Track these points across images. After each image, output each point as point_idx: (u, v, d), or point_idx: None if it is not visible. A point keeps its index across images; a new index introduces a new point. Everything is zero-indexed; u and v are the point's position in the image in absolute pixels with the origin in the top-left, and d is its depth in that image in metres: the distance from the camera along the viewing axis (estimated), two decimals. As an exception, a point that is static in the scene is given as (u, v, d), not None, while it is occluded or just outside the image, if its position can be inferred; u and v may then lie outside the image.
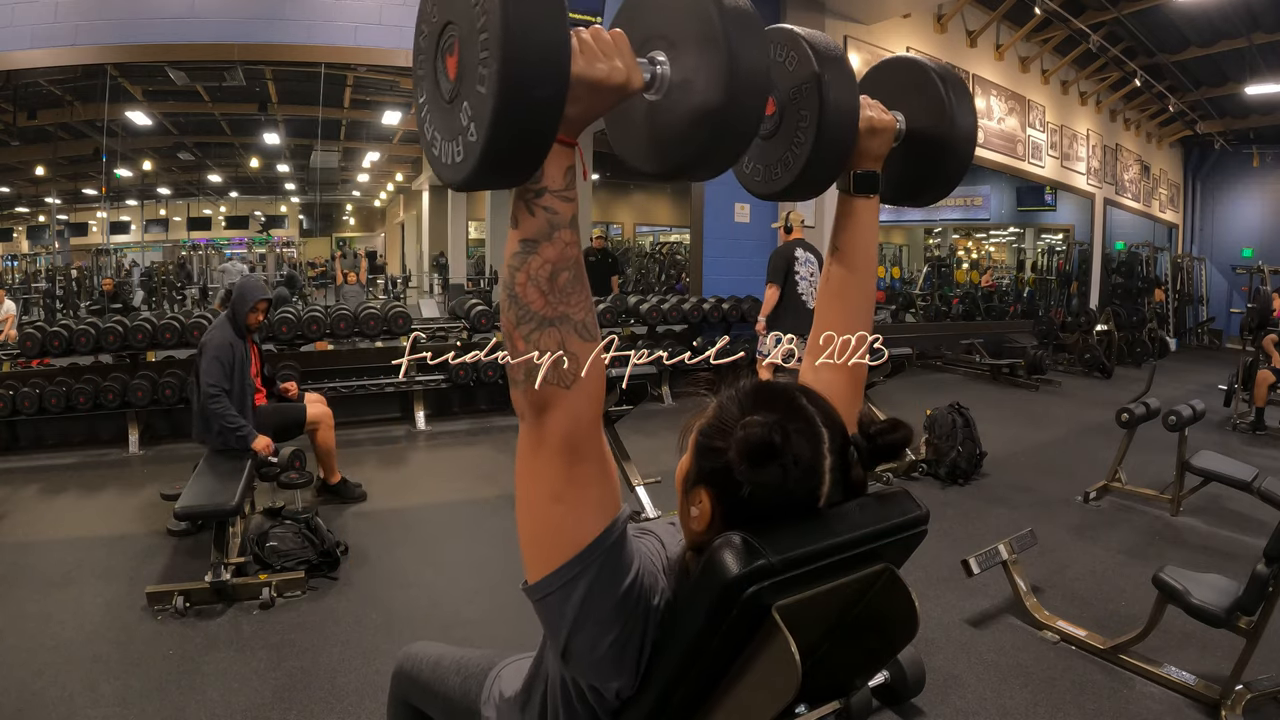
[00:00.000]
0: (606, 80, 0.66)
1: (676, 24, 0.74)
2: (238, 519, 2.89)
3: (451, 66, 0.66)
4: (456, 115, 0.65)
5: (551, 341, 0.68)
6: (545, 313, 0.68)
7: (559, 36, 0.61)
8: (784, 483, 0.77)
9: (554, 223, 0.67)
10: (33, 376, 4.52)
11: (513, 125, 0.60)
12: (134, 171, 8.36)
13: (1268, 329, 5.89)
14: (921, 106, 1.01)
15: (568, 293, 0.68)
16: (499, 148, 0.61)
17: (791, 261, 4.71)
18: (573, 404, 0.70)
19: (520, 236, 0.68)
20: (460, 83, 0.64)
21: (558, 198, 0.68)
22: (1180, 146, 13.69)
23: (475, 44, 0.61)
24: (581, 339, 0.69)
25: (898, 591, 0.85)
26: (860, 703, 1.93)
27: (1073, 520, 3.53)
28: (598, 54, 0.67)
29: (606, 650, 0.75)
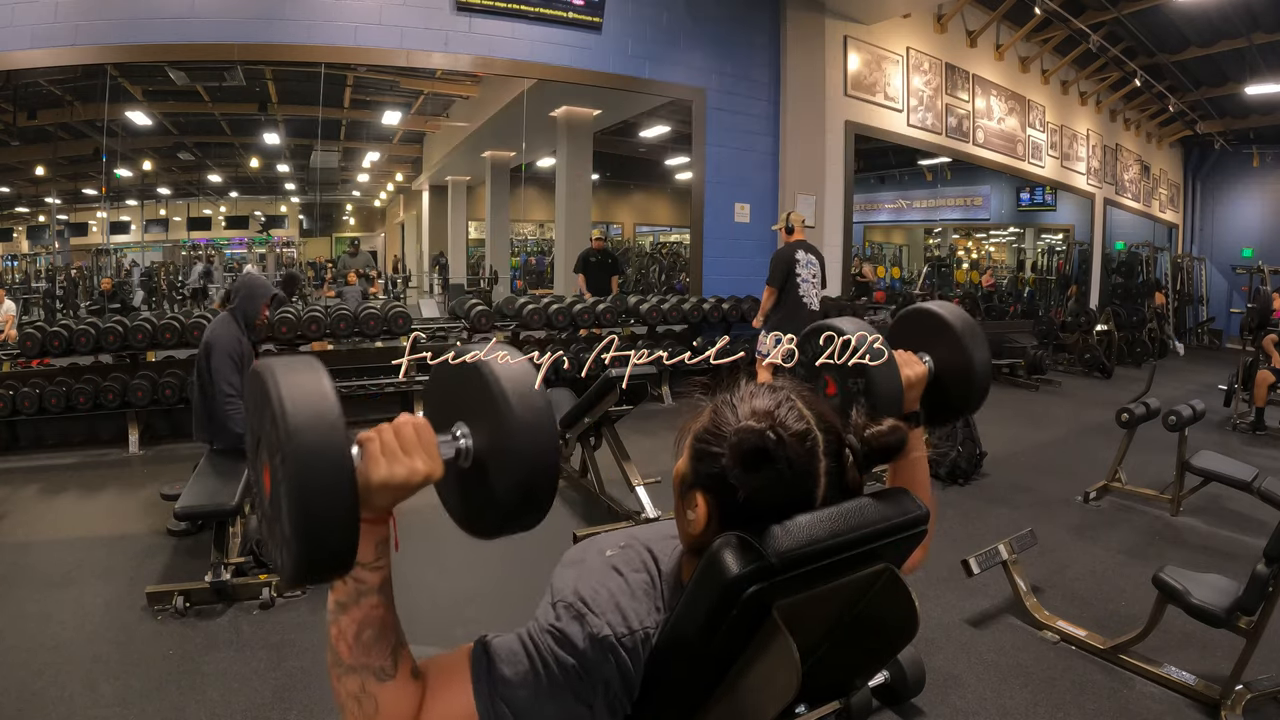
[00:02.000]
0: (408, 480, 0.72)
1: (475, 405, 0.79)
2: (238, 519, 2.89)
3: (267, 480, 0.70)
4: (276, 525, 0.69)
5: (354, 684, 0.77)
6: (350, 662, 0.76)
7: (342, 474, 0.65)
8: (779, 486, 0.77)
9: (361, 590, 0.75)
10: (33, 376, 4.52)
11: (315, 563, 0.66)
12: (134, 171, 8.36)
13: (1268, 329, 5.89)
14: (944, 349, 1.20)
15: (369, 646, 0.76)
16: (309, 573, 0.67)
17: (793, 264, 4.70)
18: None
19: (335, 597, 0.77)
20: (274, 497, 0.69)
21: (366, 569, 0.75)
22: (1180, 146, 13.69)
23: (277, 470, 0.66)
24: (379, 680, 0.77)
25: (898, 591, 0.85)
26: (860, 703, 1.93)
27: (1073, 520, 3.53)
28: (398, 455, 0.72)
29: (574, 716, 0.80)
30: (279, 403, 0.65)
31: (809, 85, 6.89)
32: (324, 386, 0.68)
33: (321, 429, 0.65)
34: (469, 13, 5.48)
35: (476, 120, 8.56)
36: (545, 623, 0.81)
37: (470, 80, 7.26)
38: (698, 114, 6.48)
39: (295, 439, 0.64)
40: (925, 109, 8.17)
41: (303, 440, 0.64)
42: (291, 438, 0.63)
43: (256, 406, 0.71)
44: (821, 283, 4.89)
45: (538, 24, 5.71)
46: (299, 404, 0.65)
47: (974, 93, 8.78)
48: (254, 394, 0.72)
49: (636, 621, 0.80)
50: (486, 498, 0.79)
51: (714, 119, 6.53)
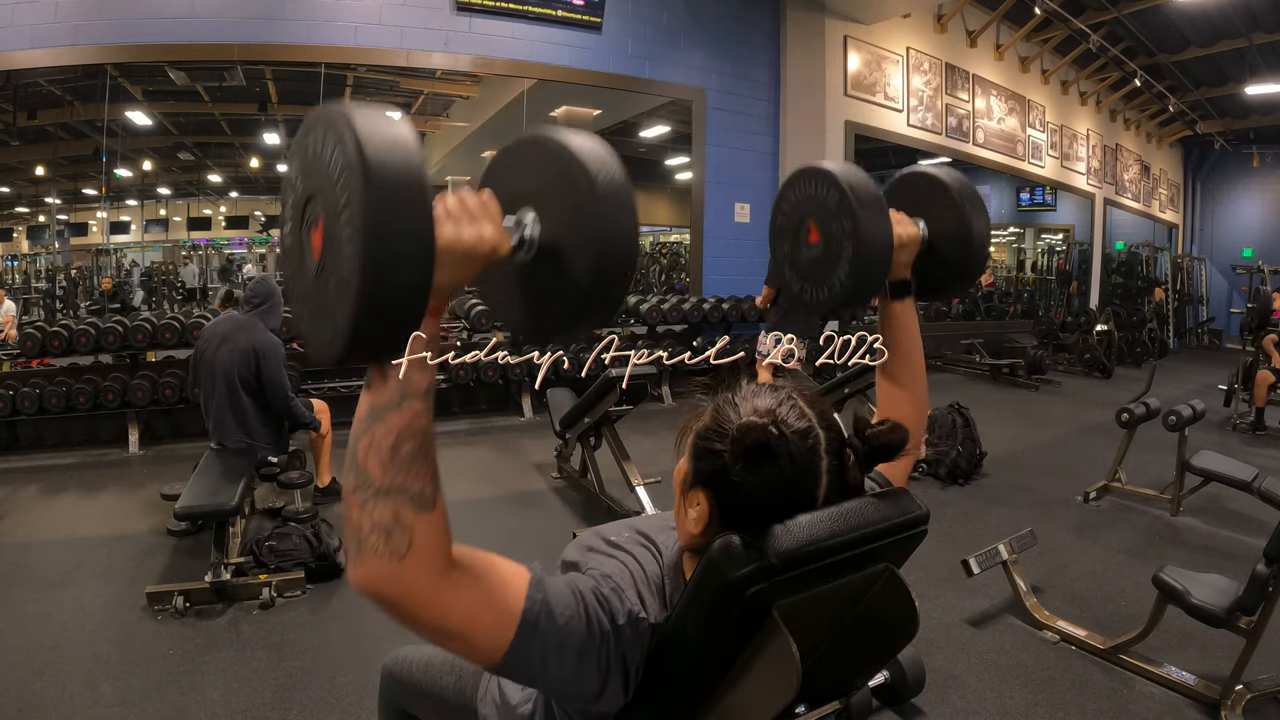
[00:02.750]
0: (473, 249, 0.66)
1: (545, 186, 0.72)
2: (238, 519, 2.89)
3: (316, 242, 0.64)
4: (323, 295, 0.63)
5: (385, 512, 0.65)
6: (382, 484, 0.65)
7: (424, 217, 0.59)
8: (780, 484, 0.77)
9: (406, 392, 0.65)
10: (33, 376, 4.52)
11: (379, 311, 0.59)
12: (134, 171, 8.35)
13: (1268, 329, 5.89)
14: (940, 214, 1.12)
15: (408, 464, 0.66)
16: (366, 331, 0.59)
17: None
18: (406, 576, 0.66)
19: (369, 403, 0.66)
20: (325, 260, 0.62)
21: (415, 368, 0.65)
22: (1180, 146, 13.69)
23: (338, 223, 0.59)
24: (416, 510, 0.66)
25: (898, 591, 0.85)
26: (860, 703, 1.93)
27: (1073, 520, 3.53)
28: (464, 221, 0.66)
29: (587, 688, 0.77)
30: (354, 131, 0.58)
31: (809, 85, 6.89)
32: (396, 119, 0.61)
33: (403, 154, 0.58)
34: (469, 13, 5.48)
35: (476, 120, 8.56)
36: (589, 585, 0.79)
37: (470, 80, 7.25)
38: (698, 114, 6.48)
39: (376, 167, 0.57)
40: (925, 109, 8.17)
41: (385, 168, 0.57)
42: (371, 165, 0.57)
43: (311, 153, 0.64)
44: None
45: (538, 24, 5.71)
46: (375, 132, 0.59)
47: (974, 93, 8.78)
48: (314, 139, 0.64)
49: (650, 611, 0.81)
50: (555, 289, 0.72)
51: (714, 119, 6.53)
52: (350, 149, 0.58)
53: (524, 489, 3.86)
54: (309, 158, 0.65)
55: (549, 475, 4.02)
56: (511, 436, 4.99)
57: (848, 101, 7.30)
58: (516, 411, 5.52)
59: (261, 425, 3.16)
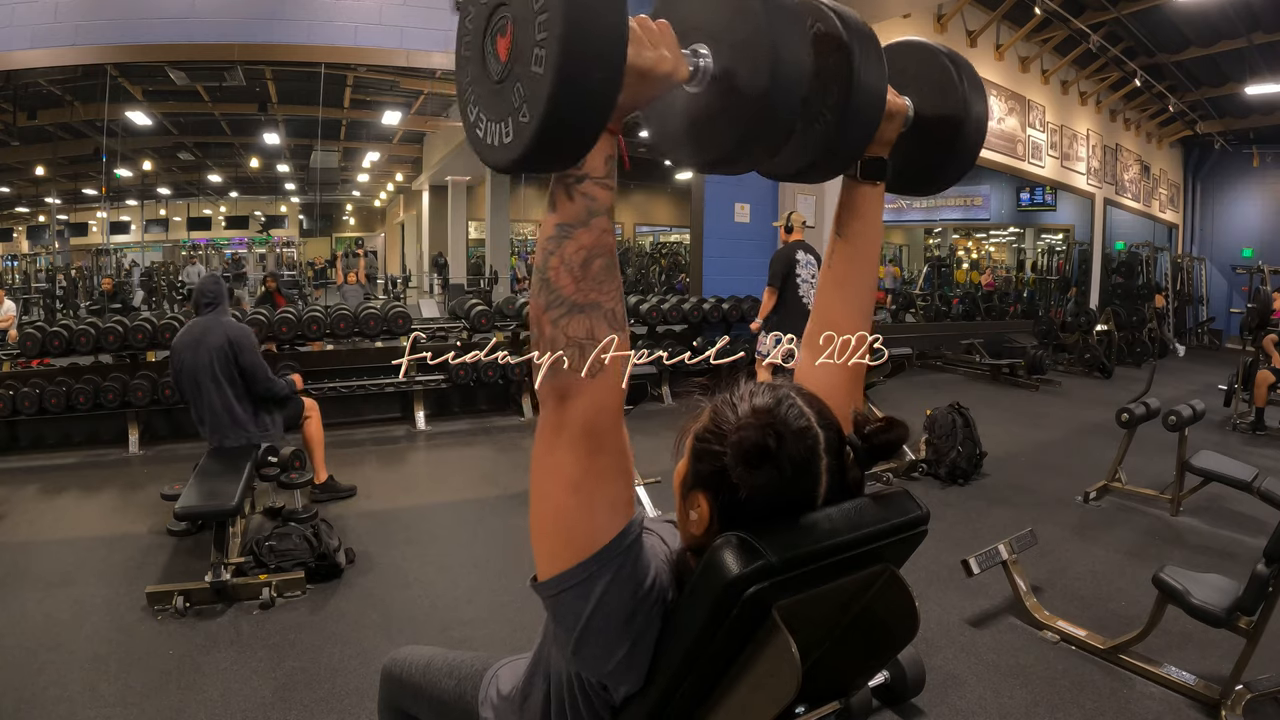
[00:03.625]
0: (654, 69, 0.66)
1: (719, 17, 0.74)
2: (238, 519, 2.89)
3: (503, 48, 0.65)
4: (508, 96, 0.64)
5: (580, 328, 0.67)
6: (576, 298, 0.67)
7: (619, 20, 0.61)
8: (780, 485, 0.77)
9: (592, 209, 0.67)
10: (33, 376, 4.52)
11: (568, 108, 0.60)
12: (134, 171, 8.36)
13: (1268, 329, 5.89)
14: (932, 92, 0.97)
15: (600, 280, 0.68)
16: (552, 130, 0.61)
17: (793, 264, 4.70)
18: (597, 392, 0.68)
19: (557, 220, 0.68)
20: (513, 64, 0.64)
21: (598, 184, 0.67)
22: (1180, 146, 13.69)
23: (532, 26, 0.61)
24: (610, 327, 0.68)
25: (898, 591, 0.85)
26: (860, 703, 1.93)
27: (1073, 520, 3.53)
28: (645, 43, 0.67)
29: (619, 650, 0.75)
30: None
31: (809, 85, 6.88)
32: None
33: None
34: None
35: (476, 120, 8.55)
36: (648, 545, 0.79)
37: (470, 80, 7.25)
38: (698, 114, 6.48)
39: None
40: (925, 109, 8.16)
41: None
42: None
43: None
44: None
45: (538, 24, 5.70)
46: None
47: (974, 93, 8.77)
48: None
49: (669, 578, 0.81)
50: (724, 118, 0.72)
51: (714, 119, 6.53)
52: None
53: (524, 489, 3.84)
54: None
55: (549, 475, 4.01)
56: (511, 437, 4.99)
57: (848, 101, 7.29)
58: (516, 411, 5.52)
59: (255, 416, 3.22)
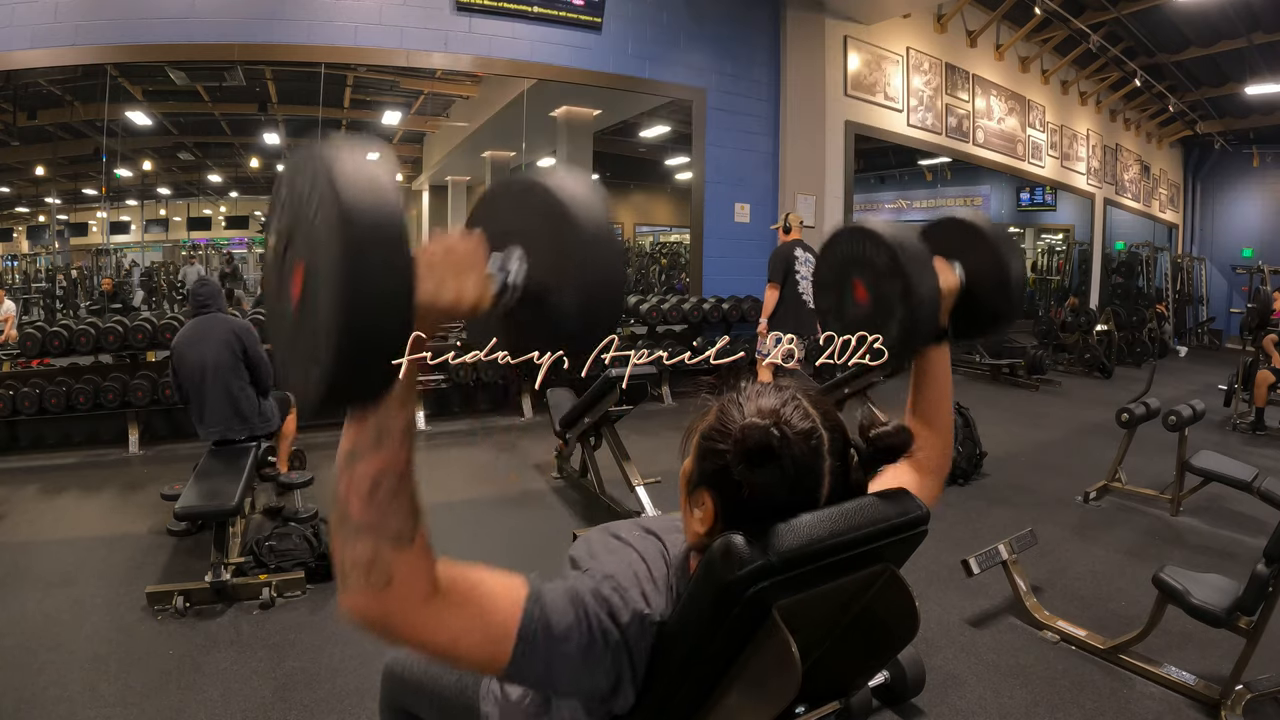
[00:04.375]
0: (453, 308, 0.66)
1: (533, 228, 0.71)
2: (238, 519, 2.89)
3: (296, 286, 0.62)
4: (301, 339, 0.61)
5: (364, 550, 0.66)
6: (360, 520, 0.66)
7: (404, 274, 0.58)
8: (783, 485, 0.78)
9: (384, 430, 0.67)
10: (33, 376, 4.52)
11: (356, 365, 0.58)
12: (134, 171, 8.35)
13: (1268, 329, 5.89)
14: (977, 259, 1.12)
15: (385, 502, 0.67)
16: (343, 385, 0.59)
17: (791, 261, 4.71)
18: (388, 606, 0.68)
19: (348, 445, 0.67)
20: (304, 306, 0.61)
21: (392, 410, 0.66)
22: (1180, 146, 13.69)
23: (318, 271, 0.58)
24: (395, 547, 0.67)
25: (898, 591, 0.85)
26: (860, 703, 1.93)
27: (1073, 520, 3.53)
28: (447, 276, 0.65)
29: (599, 690, 0.78)
30: (332, 176, 0.56)
31: (809, 85, 6.88)
32: (377, 164, 0.59)
33: (382, 204, 0.56)
34: (469, 13, 5.48)
35: (476, 120, 8.56)
36: (589, 587, 0.79)
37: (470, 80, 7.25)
38: (698, 114, 6.48)
39: (354, 212, 0.55)
40: (925, 109, 8.17)
41: (362, 213, 0.55)
42: (350, 211, 0.54)
43: (293, 193, 0.63)
44: None
45: (538, 24, 5.71)
46: (355, 177, 0.57)
47: (974, 93, 8.78)
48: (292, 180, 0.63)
49: (656, 609, 0.81)
50: (539, 332, 0.72)
51: (714, 119, 6.53)
52: (329, 203, 0.56)
53: (524, 489, 3.86)
54: (292, 199, 0.63)
55: (549, 475, 4.02)
56: (511, 436, 4.99)
57: (848, 101, 7.30)
58: (516, 411, 5.52)
59: (257, 410, 3.24)
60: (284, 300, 0.64)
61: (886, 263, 1.01)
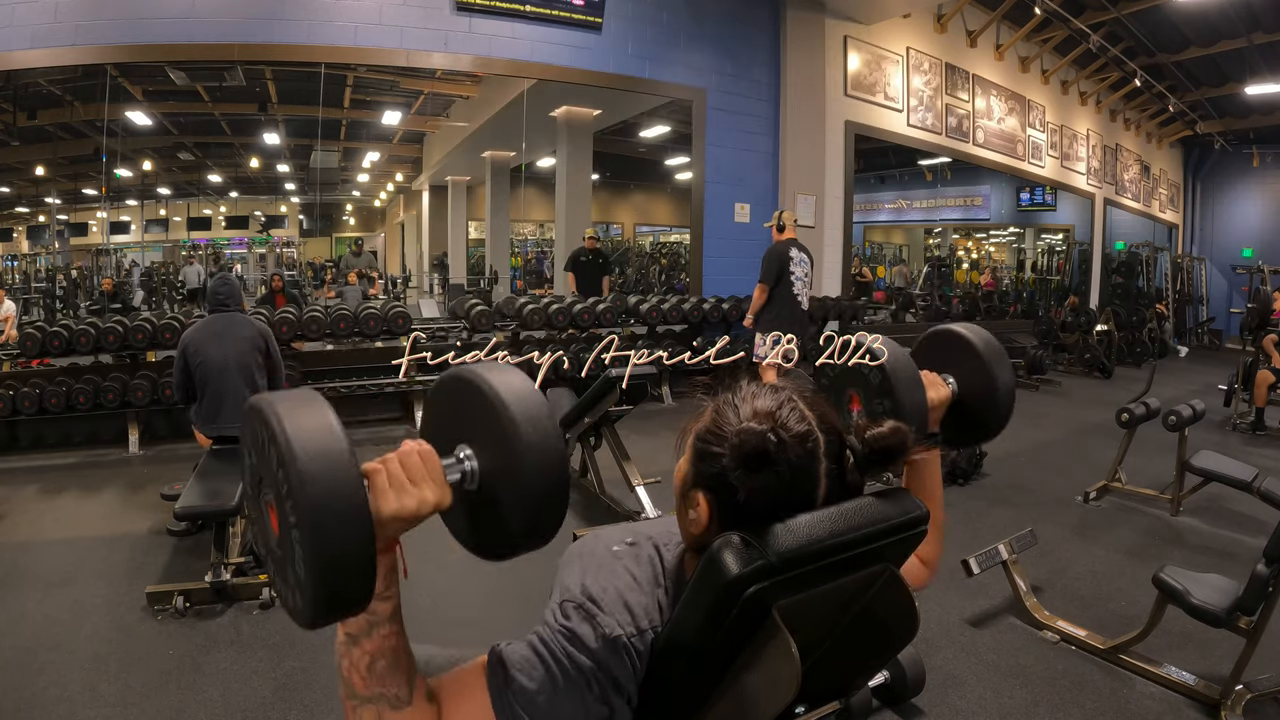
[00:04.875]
0: (418, 511, 0.72)
1: (475, 423, 0.78)
2: (238, 519, 2.89)
3: (273, 520, 0.68)
4: (285, 567, 0.67)
5: (370, 715, 0.77)
6: (364, 693, 0.77)
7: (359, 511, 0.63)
8: (779, 487, 0.77)
9: (374, 622, 0.75)
10: (33, 376, 4.52)
11: (335, 592, 0.64)
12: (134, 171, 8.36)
13: (1268, 329, 5.89)
14: (968, 369, 1.20)
15: (384, 676, 0.77)
16: (328, 607, 0.65)
17: (786, 261, 4.66)
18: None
19: (345, 631, 0.76)
20: (282, 539, 0.67)
21: (378, 600, 0.73)
22: (1180, 146, 13.69)
23: (285, 510, 0.64)
24: (395, 709, 0.77)
25: (898, 591, 0.85)
26: (860, 703, 1.93)
27: (1073, 520, 3.53)
28: (405, 485, 0.72)
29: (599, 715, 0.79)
30: (286, 447, 0.62)
31: (809, 85, 6.88)
32: (331, 424, 0.65)
33: (336, 475, 0.62)
34: (469, 13, 5.48)
35: (476, 120, 8.56)
36: (557, 624, 0.80)
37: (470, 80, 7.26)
38: (698, 114, 6.48)
39: (309, 487, 0.61)
40: (925, 109, 8.17)
41: (317, 488, 0.61)
42: (305, 486, 0.61)
43: (257, 446, 0.69)
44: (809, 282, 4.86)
45: (538, 24, 5.71)
46: (309, 448, 0.62)
47: (974, 93, 8.78)
48: (254, 434, 0.69)
49: (645, 620, 0.80)
50: (495, 520, 0.78)
51: (714, 119, 6.53)
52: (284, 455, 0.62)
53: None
54: (260, 441, 0.68)
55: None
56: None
57: (848, 101, 7.30)
58: (516, 411, 5.51)
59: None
60: (266, 532, 0.72)
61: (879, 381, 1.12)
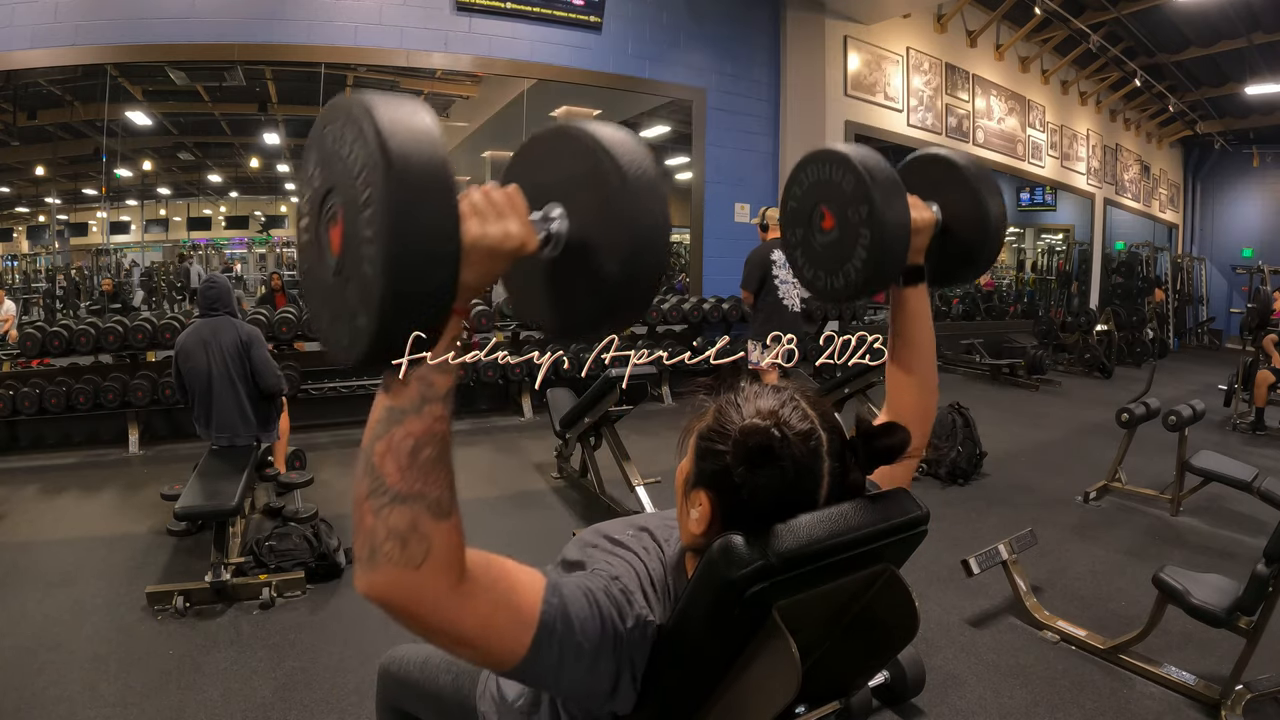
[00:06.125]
0: (499, 246, 0.64)
1: (572, 180, 0.70)
2: (238, 519, 2.89)
3: (336, 240, 0.61)
4: (343, 295, 0.60)
5: (403, 519, 0.63)
6: (400, 489, 0.63)
7: (450, 215, 0.57)
8: (782, 485, 0.77)
9: (427, 396, 0.64)
10: (33, 376, 4.52)
11: (402, 315, 0.56)
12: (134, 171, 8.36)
13: (1268, 329, 5.89)
14: (955, 197, 1.08)
15: (428, 470, 0.64)
16: (389, 337, 0.57)
17: (768, 266, 4.50)
18: (420, 584, 0.64)
19: (388, 404, 0.64)
20: (345, 259, 0.60)
21: (437, 371, 0.64)
22: (1180, 146, 13.69)
23: (359, 221, 0.57)
24: (434, 518, 0.64)
25: (898, 591, 0.85)
26: (860, 703, 1.93)
27: (1073, 520, 3.52)
28: (490, 217, 0.64)
29: (599, 688, 0.77)
30: (375, 125, 0.55)
31: (809, 85, 6.88)
32: (420, 108, 0.58)
33: (427, 152, 0.56)
34: (469, 13, 5.48)
35: (476, 120, 8.56)
36: (600, 586, 0.78)
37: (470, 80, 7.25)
38: (698, 114, 6.48)
39: (399, 164, 0.54)
40: (925, 109, 8.17)
41: (410, 161, 0.54)
42: (395, 163, 0.54)
43: (327, 149, 0.62)
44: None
45: (538, 24, 5.71)
46: (398, 126, 0.56)
47: (974, 93, 8.78)
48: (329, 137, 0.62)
49: (655, 611, 0.81)
50: (584, 286, 0.70)
51: (714, 119, 6.53)
52: (372, 144, 0.55)
53: (524, 489, 3.86)
54: (327, 150, 0.62)
55: (549, 475, 4.02)
56: (511, 437, 4.99)
57: (848, 101, 7.30)
58: (516, 411, 5.52)
59: (263, 415, 3.25)
60: (324, 257, 0.63)
61: (853, 187, 0.97)
